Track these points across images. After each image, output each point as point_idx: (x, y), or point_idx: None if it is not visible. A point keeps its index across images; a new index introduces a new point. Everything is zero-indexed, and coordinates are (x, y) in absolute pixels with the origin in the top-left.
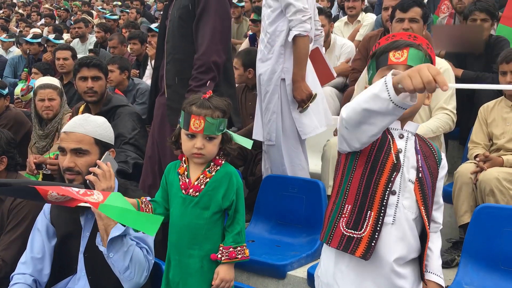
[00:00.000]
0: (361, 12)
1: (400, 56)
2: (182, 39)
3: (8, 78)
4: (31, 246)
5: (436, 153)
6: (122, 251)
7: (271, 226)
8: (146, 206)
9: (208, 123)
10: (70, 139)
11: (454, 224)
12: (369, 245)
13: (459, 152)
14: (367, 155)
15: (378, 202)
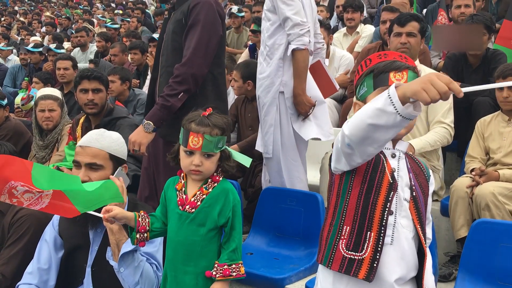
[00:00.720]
0: (360, 24)
1: (400, 78)
2: (174, 52)
3: (7, 88)
4: (38, 257)
5: (425, 170)
6: (132, 266)
7: (270, 238)
8: (143, 220)
9: (207, 140)
10: (86, 154)
11: (451, 237)
12: (371, 266)
13: (457, 164)
14: (362, 175)
15: (377, 222)
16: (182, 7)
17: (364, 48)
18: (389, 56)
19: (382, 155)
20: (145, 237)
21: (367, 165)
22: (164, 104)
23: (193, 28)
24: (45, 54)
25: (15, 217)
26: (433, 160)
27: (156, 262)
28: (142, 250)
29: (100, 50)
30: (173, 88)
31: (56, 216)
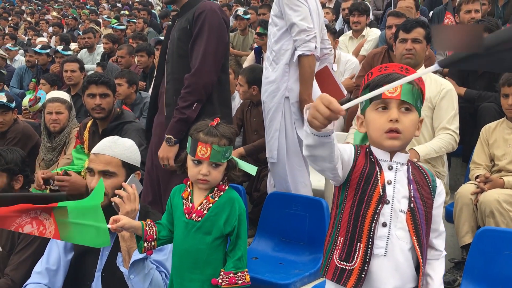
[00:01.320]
0: (365, 27)
1: (393, 91)
2: (180, 59)
3: (14, 89)
4: (47, 257)
5: (430, 181)
6: (142, 274)
7: (275, 243)
8: (151, 229)
9: (215, 150)
10: (99, 161)
11: (456, 244)
12: (359, 277)
13: (462, 170)
14: (355, 187)
15: (366, 234)
16: (187, 15)
17: (369, 53)
18: (389, 68)
19: (378, 167)
20: (153, 246)
21: (360, 177)
22: (180, 117)
23: (200, 36)
24: (52, 55)
25: None
26: (438, 166)
27: (165, 270)
28: (152, 258)
29: (107, 52)
30: (186, 99)
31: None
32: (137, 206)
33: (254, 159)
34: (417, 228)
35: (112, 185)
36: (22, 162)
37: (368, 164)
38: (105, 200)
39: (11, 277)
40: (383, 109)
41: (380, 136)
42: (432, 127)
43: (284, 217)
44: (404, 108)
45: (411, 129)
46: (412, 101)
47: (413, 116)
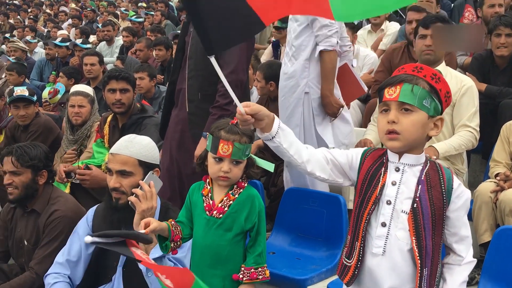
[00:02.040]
0: (385, 21)
1: (393, 93)
2: (206, 57)
3: (34, 81)
4: (69, 249)
5: (445, 183)
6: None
7: (292, 238)
8: (176, 229)
9: (236, 148)
10: (116, 161)
11: (474, 241)
12: (353, 274)
13: (481, 166)
14: (360, 189)
15: (361, 233)
16: None
17: (389, 48)
18: (404, 69)
19: (383, 169)
20: (178, 245)
21: (364, 179)
22: (223, 114)
23: None
24: (71, 49)
25: (50, 218)
26: (458, 163)
27: None
28: (170, 255)
29: (127, 45)
30: (227, 96)
31: (90, 212)
32: (154, 204)
33: (271, 154)
34: (417, 228)
35: (129, 184)
36: (45, 157)
37: (375, 166)
38: (124, 199)
39: (35, 271)
40: (385, 111)
41: (382, 137)
42: (452, 124)
43: (301, 212)
44: (404, 109)
45: (411, 130)
46: (412, 102)
47: (414, 117)
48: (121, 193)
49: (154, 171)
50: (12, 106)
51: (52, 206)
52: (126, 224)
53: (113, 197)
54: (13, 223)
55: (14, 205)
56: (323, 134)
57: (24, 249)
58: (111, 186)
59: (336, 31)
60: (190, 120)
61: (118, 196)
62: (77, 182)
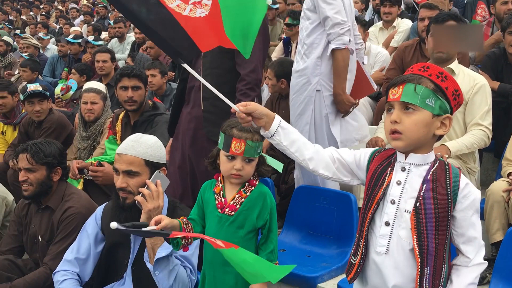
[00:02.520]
0: (396, 18)
1: (396, 93)
2: (221, 55)
3: (46, 78)
4: (77, 247)
5: (451, 183)
6: (167, 270)
7: (302, 236)
8: (187, 226)
9: (249, 146)
10: (122, 161)
11: (486, 241)
12: (356, 271)
13: (494, 165)
14: (367, 188)
15: (365, 232)
16: None
17: (400, 46)
18: (413, 69)
19: (389, 168)
20: (189, 242)
21: (370, 179)
22: None
23: None
24: (83, 45)
25: (64, 214)
26: (470, 162)
27: (191, 266)
28: (178, 253)
29: (139, 41)
30: (248, 95)
31: (99, 211)
32: (161, 203)
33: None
34: (419, 228)
35: (136, 184)
36: (60, 154)
37: (382, 166)
38: (131, 198)
39: (49, 266)
40: (389, 111)
41: (387, 137)
42: (464, 123)
43: (312, 210)
44: (406, 108)
45: (413, 129)
46: (413, 101)
47: (416, 116)
48: (128, 193)
49: (161, 170)
50: (27, 102)
51: (66, 203)
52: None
53: (120, 197)
54: (27, 219)
55: (29, 202)
56: (334, 132)
57: (38, 244)
58: (118, 186)
59: (348, 29)
60: (205, 118)
61: (125, 196)
62: (90, 179)
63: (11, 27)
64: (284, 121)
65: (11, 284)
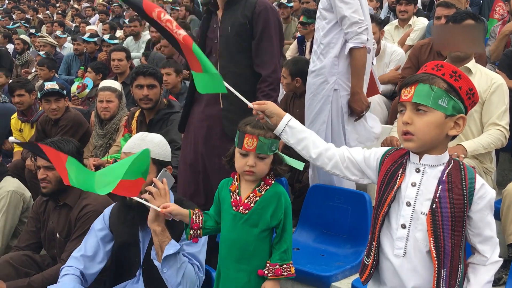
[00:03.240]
0: (412, 16)
1: (408, 93)
2: (239, 54)
3: (62, 76)
4: (84, 245)
5: (467, 184)
6: (175, 267)
7: (316, 234)
8: (197, 218)
9: (261, 142)
10: None
11: (502, 241)
12: (369, 272)
13: (510, 165)
14: (378, 189)
15: (377, 234)
16: (238, 10)
17: (416, 45)
18: (427, 67)
19: (401, 169)
20: (198, 234)
21: (382, 180)
22: None
23: (267, 34)
24: (99, 44)
25: (81, 212)
26: (486, 162)
27: (198, 263)
28: (185, 251)
29: (155, 40)
30: (270, 96)
31: (107, 211)
32: (168, 200)
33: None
34: (436, 229)
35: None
36: (77, 152)
37: (394, 166)
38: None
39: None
40: (402, 111)
41: (400, 137)
42: (481, 122)
43: (326, 209)
44: (418, 109)
45: (425, 130)
46: (426, 102)
47: (428, 117)
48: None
49: (167, 169)
50: (44, 100)
51: (84, 201)
52: (141, 222)
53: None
54: (45, 215)
55: (47, 199)
56: (350, 131)
57: (56, 241)
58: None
59: (366, 28)
60: (224, 116)
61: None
62: None
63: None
64: (295, 120)
65: (29, 279)
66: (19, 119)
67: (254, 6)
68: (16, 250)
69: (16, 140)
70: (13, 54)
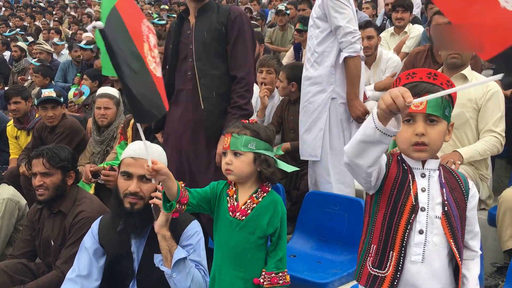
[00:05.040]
0: (408, 23)
1: (419, 104)
2: (216, 58)
3: (58, 83)
4: (77, 264)
5: (463, 184)
6: (185, 272)
7: (313, 241)
8: (185, 192)
9: (234, 138)
10: (139, 165)
11: (498, 248)
12: (391, 284)
13: (506, 172)
14: (387, 197)
15: (399, 243)
16: (212, 17)
17: (412, 52)
18: (417, 75)
19: (410, 175)
20: (182, 209)
21: (392, 187)
22: (243, 113)
23: (241, 38)
24: (95, 51)
25: (76, 218)
26: (482, 168)
27: (203, 268)
28: (190, 257)
29: None
30: (245, 97)
31: (95, 225)
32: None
33: (292, 157)
34: (453, 231)
35: (149, 189)
36: (72, 158)
37: (400, 172)
38: (141, 204)
39: (61, 270)
40: (408, 121)
41: (408, 148)
42: (477, 129)
43: (323, 216)
44: (430, 120)
45: (438, 140)
46: (439, 113)
47: (440, 128)
48: (139, 198)
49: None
50: (40, 107)
51: (78, 207)
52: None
53: (127, 203)
54: (40, 223)
55: (41, 206)
56: (349, 137)
57: (51, 249)
58: (130, 191)
59: (359, 37)
60: (205, 117)
61: (135, 201)
62: (102, 183)
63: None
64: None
65: (23, 286)
66: (15, 126)
67: (228, 12)
68: (11, 259)
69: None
70: (10, 61)
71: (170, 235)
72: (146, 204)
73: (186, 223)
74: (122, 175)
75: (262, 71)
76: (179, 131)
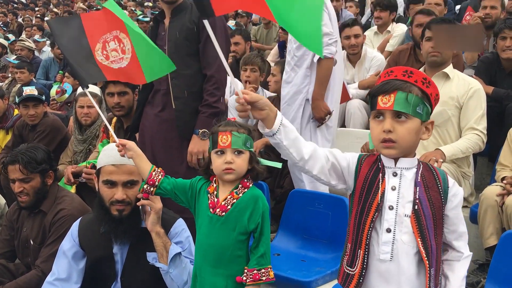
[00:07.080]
0: (391, 23)
1: (387, 101)
2: (189, 57)
3: (40, 80)
4: (56, 269)
5: (441, 183)
6: (181, 267)
7: (297, 240)
8: (157, 175)
9: (235, 137)
10: (122, 172)
11: (480, 245)
12: (358, 281)
13: (488, 169)
14: (358, 196)
15: (364, 241)
16: (185, 17)
17: (395, 50)
18: (393, 73)
19: (381, 174)
20: (151, 191)
21: (362, 187)
22: (213, 111)
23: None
24: None
25: (56, 217)
26: (464, 166)
27: None
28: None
29: None
30: (215, 95)
31: (74, 228)
32: (160, 205)
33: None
34: (422, 230)
35: (135, 194)
36: (49, 158)
37: (372, 172)
38: (129, 209)
39: (41, 269)
40: (378, 117)
41: (377, 145)
42: (459, 127)
43: (307, 214)
44: (399, 117)
45: (407, 137)
46: (407, 110)
47: (409, 125)
48: (126, 204)
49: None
50: (22, 105)
51: (58, 205)
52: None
53: (114, 210)
54: (19, 223)
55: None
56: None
57: (30, 248)
58: (117, 199)
59: (336, 40)
60: (177, 116)
61: (122, 208)
62: (83, 181)
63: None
64: (286, 119)
65: (2, 287)
66: None
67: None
68: None
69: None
70: None
71: (164, 231)
72: (133, 208)
73: (171, 221)
74: (104, 184)
75: (246, 69)
76: (152, 130)
